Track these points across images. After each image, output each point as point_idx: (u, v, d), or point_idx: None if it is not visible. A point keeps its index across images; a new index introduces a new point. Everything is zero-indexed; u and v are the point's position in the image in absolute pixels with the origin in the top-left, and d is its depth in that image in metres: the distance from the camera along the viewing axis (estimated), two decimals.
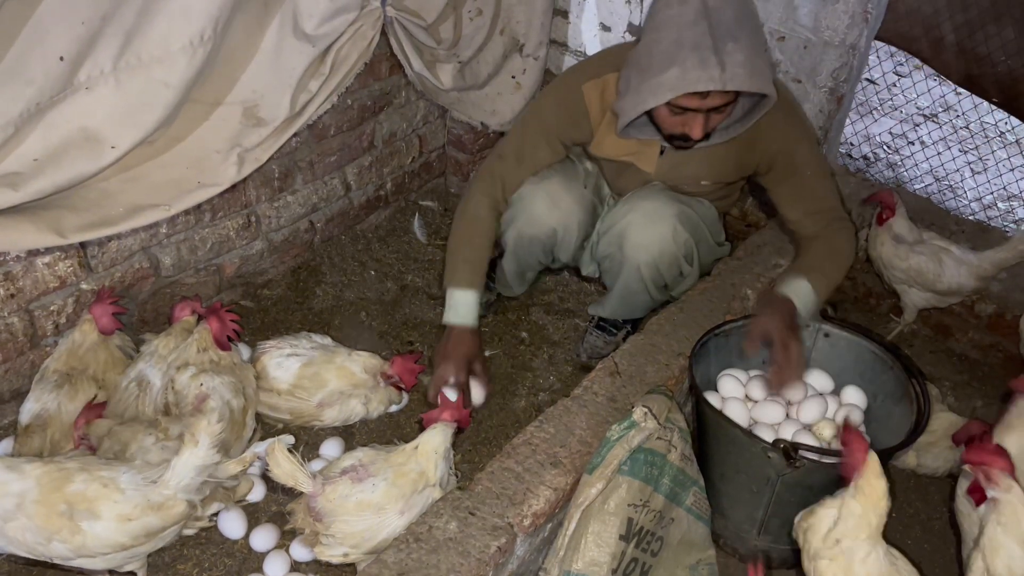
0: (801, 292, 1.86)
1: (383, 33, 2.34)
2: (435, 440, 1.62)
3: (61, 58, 1.66)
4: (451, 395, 1.83)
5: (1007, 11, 2.36)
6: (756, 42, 1.68)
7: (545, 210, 2.03)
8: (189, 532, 1.73)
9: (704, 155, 1.96)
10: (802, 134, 1.96)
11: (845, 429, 1.46)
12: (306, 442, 2.02)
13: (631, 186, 2.11)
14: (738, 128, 1.86)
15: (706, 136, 1.80)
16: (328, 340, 2.07)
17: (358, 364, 1.98)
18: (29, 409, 1.79)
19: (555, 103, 2.02)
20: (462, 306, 2.03)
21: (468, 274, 2.04)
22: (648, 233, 1.97)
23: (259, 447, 1.60)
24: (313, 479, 1.56)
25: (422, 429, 1.68)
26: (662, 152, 2.01)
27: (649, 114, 1.80)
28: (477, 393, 2.05)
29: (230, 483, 1.62)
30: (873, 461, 1.40)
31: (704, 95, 1.67)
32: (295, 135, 2.35)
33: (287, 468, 1.53)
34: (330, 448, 1.98)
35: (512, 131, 2.13)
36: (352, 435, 2.06)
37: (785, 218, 2.04)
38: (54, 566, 1.57)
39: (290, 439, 1.58)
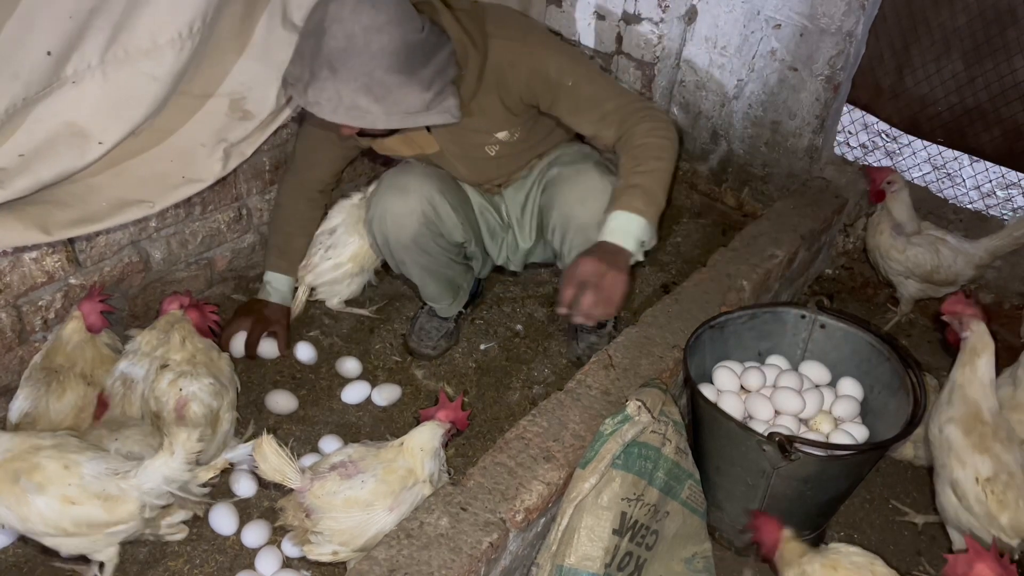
0: (618, 223, 1.67)
1: None
2: (422, 438, 1.60)
3: (48, 52, 1.63)
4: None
5: (955, 43, 2.36)
6: (366, 83, 1.57)
7: (401, 202, 1.96)
8: (178, 537, 1.72)
9: (472, 112, 1.85)
10: (544, 50, 1.79)
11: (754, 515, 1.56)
12: (301, 438, 2.01)
13: (449, 168, 2.06)
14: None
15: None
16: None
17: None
18: (18, 407, 1.77)
19: None
20: (269, 285, 2.22)
21: (276, 258, 2.22)
22: (585, 195, 1.92)
23: (230, 454, 1.59)
24: (302, 475, 1.55)
25: (418, 424, 1.67)
26: (429, 129, 1.93)
27: None
28: (359, 390, 2.15)
29: (199, 491, 1.60)
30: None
31: None
32: (285, 127, 2.33)
33: (275, 463, 1.51)
34: (328, 444, 1.96)
35: (297, 136, 2.16)
36: (350, 431, 2.05)
37: (587, 137, 1.91)
38: (55, 555, 1.59)
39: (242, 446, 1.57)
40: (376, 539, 1.51)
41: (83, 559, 1.65)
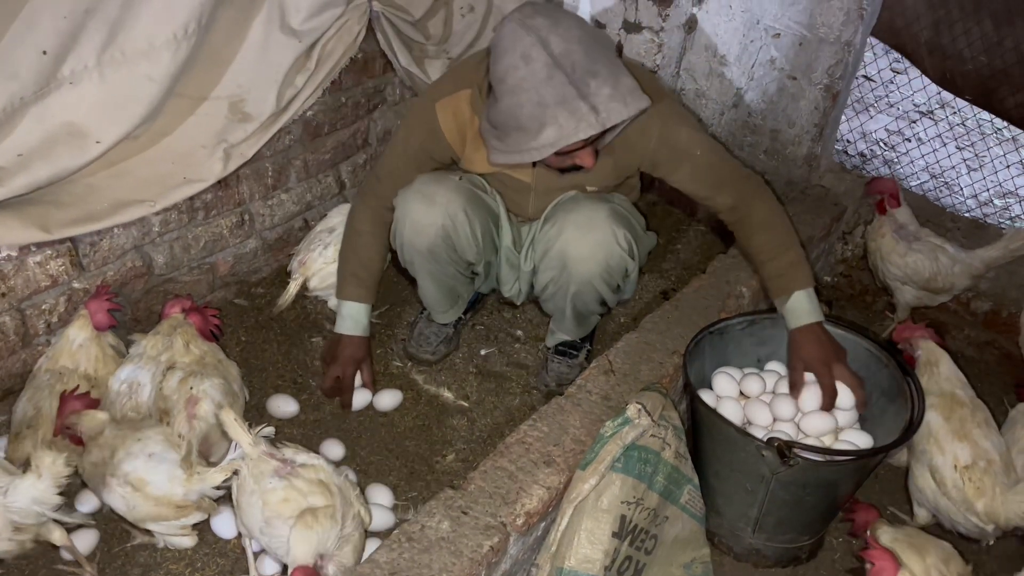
0: (804, 305, 1.83)
1: (372, 28, 2.34)
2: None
3: (44, 52, 1.67)
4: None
5: (986, 3, 2.35)
6: (612, 64, 1.60)
7: (424, 210, 1.95)
8: (187, 543, 1.72)
9: None
10: (676, 119, 1.86)
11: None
12: (302, 443, 2.00)
13: (514, 195, 2.06)
14: (610, 134, 1.77)
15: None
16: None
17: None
18: (21, 409, 1.78)
19: (415, 123, 1.98)
20: (349, 318, 2.11)
21: (354, 287, 2.10)
22: (590, 243, 1.89)
23: (233, 454, 1.60)
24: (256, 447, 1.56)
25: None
26: (534, 164, 1.91)
27: None
28: (361, 396, 2.13)
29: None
30: None
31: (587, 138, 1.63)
32: (288, 133, 2.35)
33: (230, 422, 1.54)
34: (329, 449, 1.98)
35: (386, 150, 2.09)
36: (350, 436, 2.06)
37: (696, 198, 1.96)
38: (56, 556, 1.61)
39: (271, 430, 1.60)
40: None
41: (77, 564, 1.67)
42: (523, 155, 1.64)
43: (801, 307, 1.83)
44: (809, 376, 1.90)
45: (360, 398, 2.14)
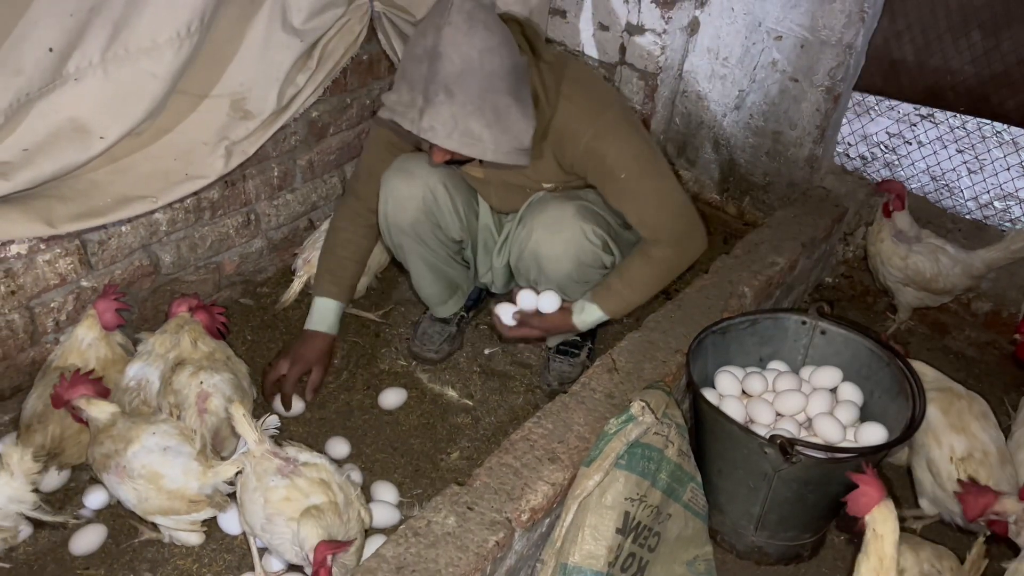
0: (589, 311, 1.94)
1: (374, 29, 2.36)
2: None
3: (50, 49, 1.69)
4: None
5: (973, 16, 2.36)
6: (480, 105, 1.58)
7: (404, 185, 1.97)
8: (194, 540, 1.74)
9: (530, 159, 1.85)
10: (610, 134, 1.79)
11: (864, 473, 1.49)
12: (308, 441, 2.03)
13: (478, 186, 2.07)
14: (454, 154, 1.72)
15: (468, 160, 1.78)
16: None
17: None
18: (30, 406, 1.79)
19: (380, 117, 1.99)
20: (316, 313, 2.11)
21: (327, 283, 2.11)
22: (560, 242, 1.91)
23: (242, 448, 1.61)
24: (262, 443, 1.57)
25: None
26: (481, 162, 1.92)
27: None
28: (296, 404, 2.09)
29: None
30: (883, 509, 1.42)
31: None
32: (294, 133, 2.37)
33: (244, 422, 1.56)
34: (334, 447, 1.99)
35: (363, 149, 2.13)
36: (355, 434, 2.07)
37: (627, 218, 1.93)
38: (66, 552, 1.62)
39: (275, 420, 1.63)
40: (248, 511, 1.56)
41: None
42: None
43: (586, 309, 1.94)
44: (816, 381, 1.95)
45: (295, 406, 2.09)
